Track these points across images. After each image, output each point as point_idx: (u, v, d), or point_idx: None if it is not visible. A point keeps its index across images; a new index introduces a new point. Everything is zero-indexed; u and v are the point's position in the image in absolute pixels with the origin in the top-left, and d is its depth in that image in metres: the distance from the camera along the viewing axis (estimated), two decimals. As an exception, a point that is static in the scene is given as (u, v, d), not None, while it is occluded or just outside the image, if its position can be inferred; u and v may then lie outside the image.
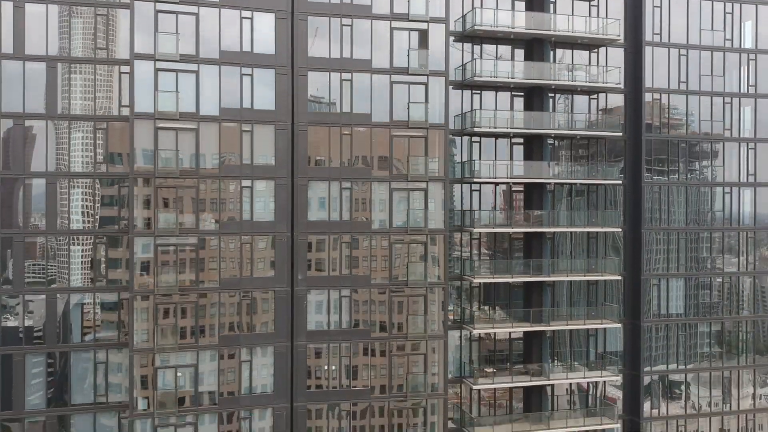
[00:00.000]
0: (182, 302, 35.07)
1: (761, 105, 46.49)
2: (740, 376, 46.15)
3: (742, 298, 46.47)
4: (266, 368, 36.49)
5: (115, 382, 36.39)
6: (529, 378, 41.39)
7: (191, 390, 35.35)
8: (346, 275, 37.34)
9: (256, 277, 36.19)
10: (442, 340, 38.42)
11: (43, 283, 35.47)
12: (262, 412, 36.34)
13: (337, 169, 37.16)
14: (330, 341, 37.17)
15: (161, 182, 34.54)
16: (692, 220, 45.14)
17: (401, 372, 38.04)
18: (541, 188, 41.97)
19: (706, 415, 45.37)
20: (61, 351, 35.66)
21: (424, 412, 38.29)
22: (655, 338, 44.36)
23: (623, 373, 44.24)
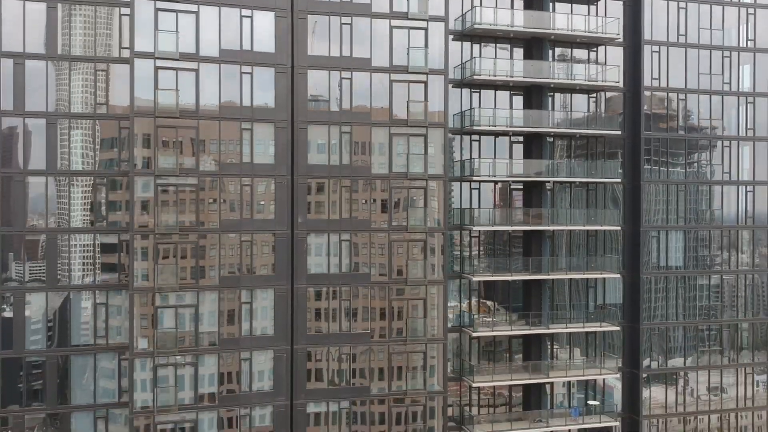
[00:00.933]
0: (182, 242, 35.10)
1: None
2: (740, 329, 46.26)
3: (741, 251, 46.54)
4: (266, 310, 36.54)
5: (115, 325, 36.45)
6: (528, 327, 41.55)
7: (191, 330, 35.40)
8: (346, 219, 37.39)
9: (256, 220, 36.23)
10: (441, 285, 38.47)
11: (43, 225, 35.51)
12: (262, 353, 36.38)
13: (337, 113, 37.21)
14: (330, 284, 37.22)
15: (161, 122, 34.56)
16: (691, 173, 45.32)
17: (401, 316, 38.11)
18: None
19: (704, 368, 45.43)
20: (61, 293, 35.68)
21: (424, 356, 38.34)
22: (654, 290, 44.44)
23: (622, 325, 44.31)
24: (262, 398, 36.32)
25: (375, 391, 37.81)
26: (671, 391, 44.77)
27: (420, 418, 38.21)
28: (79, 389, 35.94)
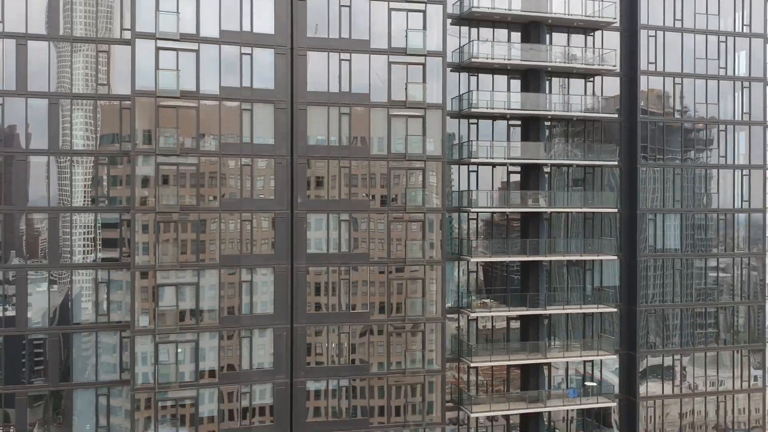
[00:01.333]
0: (183, 221, 35.48)
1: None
2: (736, 312, 46.63)
3: (737, 234, 46.91)
4: (266, 289, 36.91)
5: (117, 301, 36.77)
6: (526, 308, 41.90)
7: (192, 308, 35.75)
8: (345, 199, 37.77)
9: (256, 199, 36.62)
10: (440, 265, 38.83)
11: (45, 204, 35.90)
12: (262, 331, 36.75)
13: (336, 94, 37.62)
14: (329, 264, 37.60)
15: (162, 102, 34.94)
16: (688, 158, 45.71)
17: (400, 296, 38.48)
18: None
19: (701, 350, 45.78)
20: (63, 270, 36.06)
21: (422, 335, 38.69)
22: (651, 273, 44.80)
23: (620, 307, 44.67)
24: (263, 376, 36.68)
25: (374, 369, 38.16)
26: (668, 374, 45.08)
27: (419, 396, 38.54)
28: (81, 367, 36.26)
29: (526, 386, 42.57)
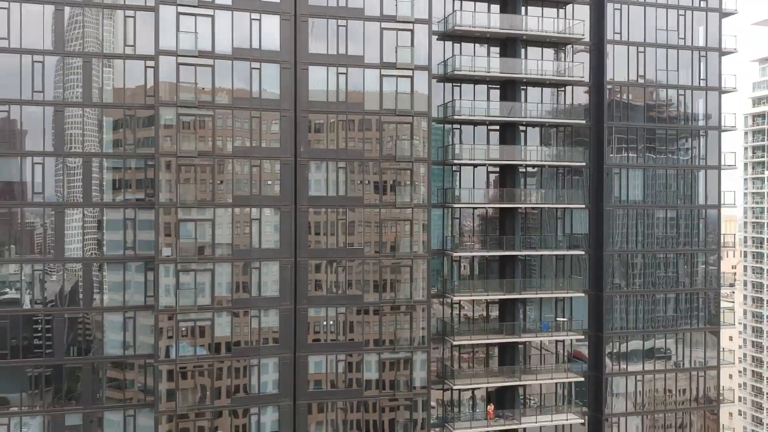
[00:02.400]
0: (201, 165, 40.55)
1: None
2: (695, 258, 51.85)
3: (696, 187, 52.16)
4: (273, 225, 41.98)
5: (143, 239, 41.85)
6: (503, 250, 47.07)
7: (209, 241, 40.86)
8: (342, 149, 42.87)
9: (264, 147, 41.68)
10: (426, 209, 43.98)
11: (80, 148, 41.03)
12: (270, 263, 41.84)
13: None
14: (328, 206, 42.70)
15: (182, 60, 39.99)
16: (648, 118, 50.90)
17: (392, 235, 43.63)
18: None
19: (662, 291, 51.00)
20: (96, 208, 41.21)
21: (410, 270, 43.83)
22: (617, 222, 50.00)
23: (588, 252, 49.88)
24: (270, 302, 41.82)
25: (369, 299, 43.29)
26: (631, 311, 50.33)
27: (408, 323, 43.74)
28: (111, 294, 41.40)
29: (504, 319, 47.68)
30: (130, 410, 41.60)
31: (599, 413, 49.83)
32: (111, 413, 41.40)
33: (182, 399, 40.18)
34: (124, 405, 41.53)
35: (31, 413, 40.27)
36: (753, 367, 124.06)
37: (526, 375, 47.60)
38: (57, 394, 40.68)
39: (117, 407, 41.47)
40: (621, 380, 50.06)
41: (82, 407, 41.02)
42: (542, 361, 49.13)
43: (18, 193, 40.54)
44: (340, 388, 42.92)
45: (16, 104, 40.12)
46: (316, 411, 42.71)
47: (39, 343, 40.53)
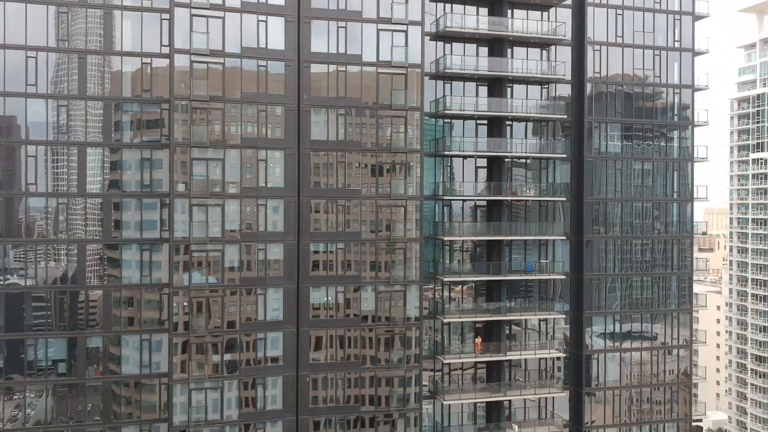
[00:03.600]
0: (212, 108, 44.14)
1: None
2: (669, 208, 55.70)
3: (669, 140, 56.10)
4: (278, 166, 45.55)
5: (157, 178, 45.44)
6: (489, 194, 50.80)
7: (219, 179, 44.44)
8: (342, 96, 46.55)
9: (270, 93, 45.29)
10: (418, 155, 47.77)
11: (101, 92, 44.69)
12: (275, 201, 45.49)
13: (334, 10, 46.35)
14: (328, 149, 46.32)
15: (196, 12, 43.65)
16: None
17: (387, 178, 47.36)
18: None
19: (639, 237, 54.80)
20: (114, 149, 44.83)
21: (404, 211, 47.55)
22: (599, 174, 53.79)
23: (569, 199, 53.71)
24: (275, 236, 45.42)
25: (365, 236, 46.96)
26: (610, 254, 54.14)
27: (401, 260, 47.42)
28: (129, 228, 45.01)
29: (491, 259, 51.53)
30: (146, 335, 45.15)
31: (579, 350, 53.55)
32: (128, 335, 44.98)
33: (195, 325, 43.73)
34: (140, 330, 45.09)
35: (54, 335, 43.87)
36: (738, 344, 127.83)
37: (511, 312, 51.27)
38: (74, 317, 44.26)
39: (133, 332, 45.03)
40: (600, 318, 53.78)
41: (102, 331, 44.61)
42: (526, 299, 52.81)
43: (45, 134, 44.06)
44: (339, 317, 46.58)
45: (42, 51, 43.65)
46: (314, 342, 46.33)
47: (63, 270, 44.15)
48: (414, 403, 47.56)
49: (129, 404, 45.21)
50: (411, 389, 47.50)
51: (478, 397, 50.24)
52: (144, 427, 45.16)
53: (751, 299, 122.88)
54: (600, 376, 54.06)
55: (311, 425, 46.12)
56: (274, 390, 45.48)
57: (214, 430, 44.31)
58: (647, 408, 55.37)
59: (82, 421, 44.29)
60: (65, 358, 44.33)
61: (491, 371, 51.41)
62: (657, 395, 55.74)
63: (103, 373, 44.74)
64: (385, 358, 47.17)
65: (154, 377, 45.20)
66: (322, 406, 46.31)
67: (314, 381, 46.16)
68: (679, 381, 56.36)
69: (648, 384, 55.42)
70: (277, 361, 45.60)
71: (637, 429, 55.21)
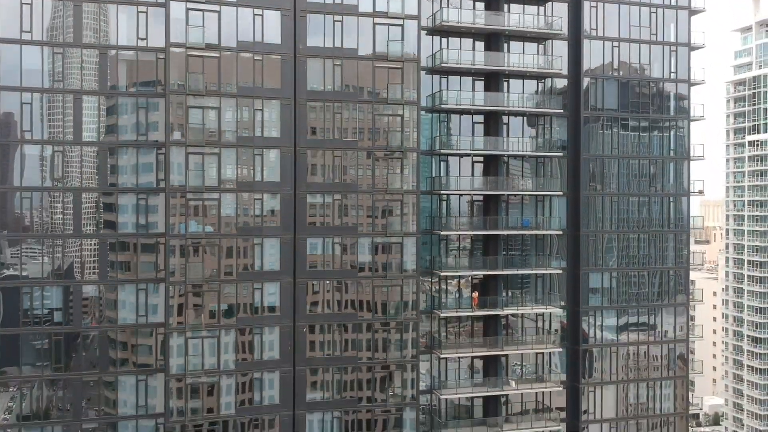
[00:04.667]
0: (208, 58, 43.96)
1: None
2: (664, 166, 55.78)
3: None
4: (274, 117, 45.51)
5: (153, 121, 45.28)
6: (489, 150, 50.84)
7: (215, 129, 44.33)
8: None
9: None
10: (414, 107, 47.79)
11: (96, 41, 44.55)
12: (270, 151, 45.44)
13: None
14: (326, 99, 46.24)
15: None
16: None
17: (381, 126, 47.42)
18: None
19: (635, 195, 54.86)
20: (110, 97, 44.76)
21: (401, 164, 47.53)
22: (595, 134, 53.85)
23: (566, 154, 53.89)
24: (272, 186, 45.35)
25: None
26: (607, 211, 54.24)
27: (396, 214, 47.52)
28: (125, 174, 44.93)
29: (488, 213, 51.52)
30: (142, 284, 45.03)
31: (577, 306, 53.57)
32: (124, 284, 44.88)
33: (192, 273, 43.59)
34: (136, 280, 44.97)
35: (49, 283, 43.77)
36: (734, 341, 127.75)
37: (508, 267, 51.26)
38: (71, 267, 44.16)
39: (130, 281, 44.90)
40: (597, 275, 53.83)
41: (98, 280, 44.52)
42: (523, 255, 52.79)
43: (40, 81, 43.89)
44: (336, 268, 46.54)
45: (38, -2, 43.61)
46: (311, 292, 46.25)
47: (58, 219, 44.03)
48: (411, 350, 47.47)
49: (126, 352, 45.09)
50: (408, 339, 47.38)
51: (475, 352, 50.15)
52: (140, 376, 45.01)
53: (747, 281, 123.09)
54: (597, 336, 54.05)
55: (308, 375, 46.05)
56: (272, 339, 45.42)
57: (211, 378, 44.19)
58: (644, 365, 55.45)
59: (79, 370, 44.18)
60: (61, 307, 44.20)
61: (488, 327, 51.37)
62: (654, 350, 55.93)
63: (99, 323, 44.63)
64: (381, 309, 47.07)
65: (150, 326, 45.07)
66: (320, 356, 46.22)
67: (311, 331, 46.07)
68: (676, 339, 56.50)
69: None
70: (274, 311, 45.52)
71: (634, 385, 55.17)
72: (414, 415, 47.64)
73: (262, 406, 45.16)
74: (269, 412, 45.34)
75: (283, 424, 45.54)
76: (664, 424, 56.03)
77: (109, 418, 44.54)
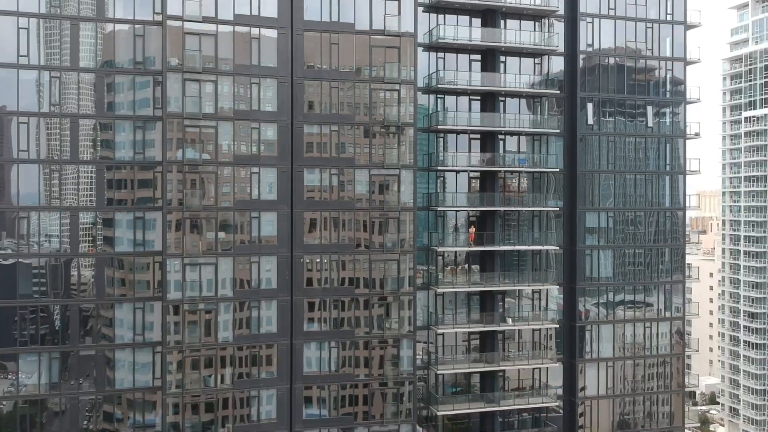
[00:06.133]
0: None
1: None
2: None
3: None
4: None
5: (150, 55, 45.35)
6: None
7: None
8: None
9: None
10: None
11: None
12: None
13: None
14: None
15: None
16: None
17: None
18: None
19: (632, 135, 54.98)
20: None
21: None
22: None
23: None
24: (269, 116, 45.36)
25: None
26: (603, 150, 54.37)
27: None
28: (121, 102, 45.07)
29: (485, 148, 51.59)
30: (139, 212, 44.98)
31: (573, 246, 53.74)
32: (121, 213, 44.86)
33: (189, 201, 43.55)
34: (134, 207, 44.99)
35: (46, 209, 43.77)
36: (731, 317, 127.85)
37: (505, 204, 51.40)
38: (67, 194, 44.18)
39: (127, 209, 44.87)
40: (594, 216, 53.92)
41: (95, 206, 44.48)
42: (518, 191, 52.85)
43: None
44: (333, 199, 46.53)
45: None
46: (309, 224, 46.18)
47: (55, 144, 44.01)
48: (408, 288, 47.54)
49: (122, 284, 45.06)
50: (405, 273, 47.40)
51: (471, 284, 50.38)
52: (138, 304, 44.96)
53: (744, 257, 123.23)
54: (593, 271, 54.10)
55: (306, 306, 45.99)
56: (269, 268, 45.39)
57: (208, 305, 44.15)
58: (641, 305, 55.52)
59: (75, 296, 44.19)
60: (57, 234, 44.13)
61: (485, 262, 51.45)
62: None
63: (96, 251, 44.70)
64: (379, 242, 47.05)
65: (148, 255, 45.03)
66: (317, 287, 46.19)
67: (309, 262, 46.06)
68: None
69: (641, 282, 55.36)
70: (271, 241, 45.48)
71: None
72: (411, 349, 47.65)
73: (259, 334, 45.12)
74: (267, 341, 45.30)
75: (280, 353, 45.48)
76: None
77: (107, 346, 44.47)
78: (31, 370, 43.39)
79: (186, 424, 43.72)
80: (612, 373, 54.56)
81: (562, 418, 53.78)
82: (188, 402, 43.83)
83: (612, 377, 54.54)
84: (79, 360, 44.10)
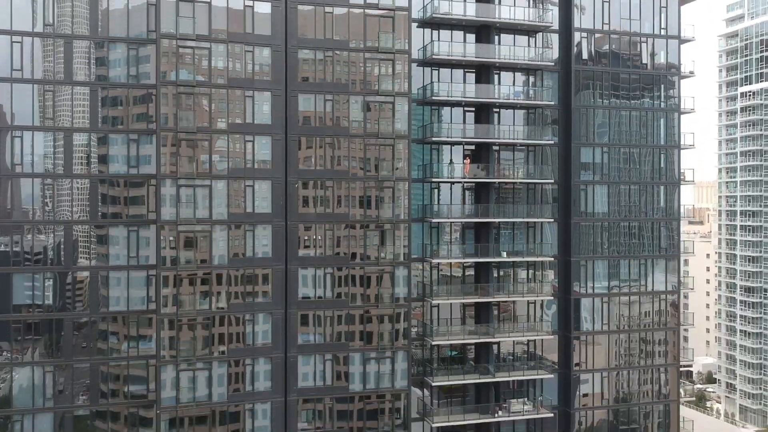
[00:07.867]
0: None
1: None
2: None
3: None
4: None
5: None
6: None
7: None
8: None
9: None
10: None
11: None
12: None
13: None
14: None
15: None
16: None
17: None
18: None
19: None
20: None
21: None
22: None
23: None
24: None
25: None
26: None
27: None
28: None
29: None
30: (133, 135, 45.03)
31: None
32: (116, 134, 44.89)
33: (183, 122, 43.46)
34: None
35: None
36: (727, 293, 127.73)
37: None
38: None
39: (121, 131, 44.93)
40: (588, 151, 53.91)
41: (89, 128, 44.41)
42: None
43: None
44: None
45: None
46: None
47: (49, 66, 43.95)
48: (403, 216, 47.50)
49: (116, 204, 45.03)
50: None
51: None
52: (132, 227, 44.85)
53: (740, 231, 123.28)
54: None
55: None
56: (264, 191, 45.24)
57: (203, 227, 44.02)
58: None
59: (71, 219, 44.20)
60: (51, 154, 44.12)
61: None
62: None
63: (91, 172, 44.63)
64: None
65: (142, 177, 44.92)
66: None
67: (304, 187, 45.98)
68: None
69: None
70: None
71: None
72: (406, 271, 47.68)
73: (254, 258, 44.99)
74: (262, 265, 45.15)
75: (275, 277, 45.34)
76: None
77: (101, 268, 44.32)
78: (26, 291, 43.40)
79: (181, 347, 43.57)
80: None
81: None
82: (183, 324, 43.72)
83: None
84: (74, 283, 44.16)
